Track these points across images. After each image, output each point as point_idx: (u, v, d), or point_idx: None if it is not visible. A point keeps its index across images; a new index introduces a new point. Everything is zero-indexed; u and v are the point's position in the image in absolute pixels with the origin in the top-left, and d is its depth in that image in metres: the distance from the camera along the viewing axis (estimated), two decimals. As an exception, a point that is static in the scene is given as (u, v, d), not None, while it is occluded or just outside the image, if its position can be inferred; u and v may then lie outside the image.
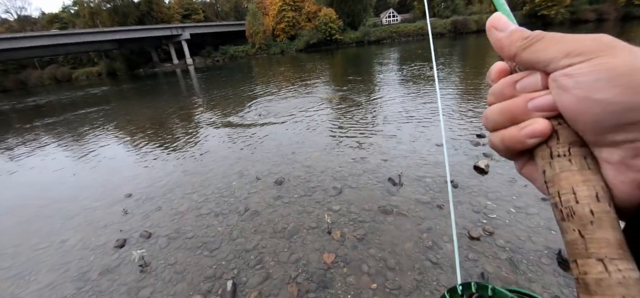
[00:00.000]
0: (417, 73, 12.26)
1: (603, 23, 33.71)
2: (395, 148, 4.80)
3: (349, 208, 3.31)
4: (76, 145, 7.73)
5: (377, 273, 2.43)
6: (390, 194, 3.50)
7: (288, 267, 2.59)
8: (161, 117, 9.82)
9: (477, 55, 17.43)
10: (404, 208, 3.22)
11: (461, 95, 7.77)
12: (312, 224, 3.12)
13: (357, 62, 20.75)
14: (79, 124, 10.63)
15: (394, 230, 2.91)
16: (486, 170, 3.78)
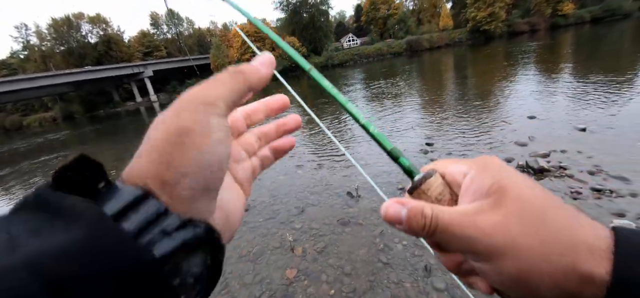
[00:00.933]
0: (378, 91, 13.10)
1: (536, 33, 38.22)
2: (353, 167, 5.17)
3: (310, 224, 3.55)
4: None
5: (335, 281, 2.67)
6: (349, 206, 3.80)
7: (253, 288, 2.74)
8: (125, 156, 9.55)
9: (431, 70, 18.96)
10: (360, 218, 3.52)
11: (414, 107, 8.49)
12: (276, 244, 3.31)
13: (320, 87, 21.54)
14: (35, 174, 9.99)
15: (351, 239, 3.19)
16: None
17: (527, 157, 4.13)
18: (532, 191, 0.25)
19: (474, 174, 0.29)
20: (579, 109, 5.87)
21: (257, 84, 0.29)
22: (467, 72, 15.80)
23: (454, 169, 0.31)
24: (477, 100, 8.12)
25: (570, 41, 22.07)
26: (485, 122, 6.07)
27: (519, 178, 0.27)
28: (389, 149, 0.33)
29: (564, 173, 3.67)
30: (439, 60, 25.56)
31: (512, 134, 5.20)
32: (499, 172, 0.27)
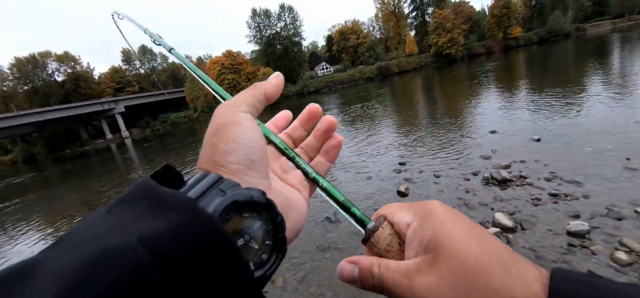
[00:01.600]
0: (354, 115, 13.52)
1: (492, 54, 41.73)
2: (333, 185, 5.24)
3: (290, 253, 3.51)
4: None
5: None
6: (328, 232, 3.81)
7: (232, 326, 2.63)
8: (92, 198, 8.99)
9: (402, 93, 19.94)
10: (340, 242, 3.54)
11: (387, 128, 8.83)
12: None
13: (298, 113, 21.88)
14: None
15: (332, 264, 3.18)
16: (406, 193, 4.38)
17: (491, 169, 4.41)
18: (467, 247, 0.26)
19: (416, 225, 0.30)
20: (534, 121, 6.41)
21: (270, 91, 0.35)
22: (435, 93, 16.81)
23: (399, 219, 0.32)
24: (445, 119, 8.63)
25: (522, 60, 24.31)
26: (453, 139, 6.44)
27: (457, 230, 0.27)
28: (341, 201, 0.35)
29: (525, 182, 3.94)
30: (408, 83, 27.00)
31: (477, 148, 5.55)
32: (438, 224, 0.28)
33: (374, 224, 0.33)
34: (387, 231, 0.32)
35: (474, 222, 0.30)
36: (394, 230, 0.32)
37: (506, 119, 7.18)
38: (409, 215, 0.31)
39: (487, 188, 4.02)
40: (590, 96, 7.51)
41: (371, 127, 9.79)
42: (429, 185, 4.51)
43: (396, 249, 0.32)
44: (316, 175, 0.37)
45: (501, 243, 0.27)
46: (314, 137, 0.41)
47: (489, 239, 0.27)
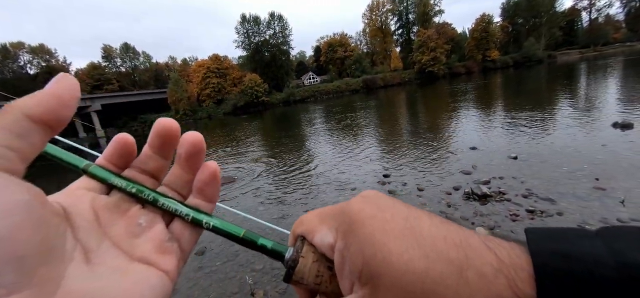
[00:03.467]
0: (338, 126, 13.61)
1: (471, 74, 43.70)
2: (315, 197, 5.19)
3: (271, 264, 3.41)
4: None
5: (297, 322, 2.54)
6: (311, 242, 3.75)
7: (207, 340, 2.49)
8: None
9: (386, 106, 20.35)
10: (323, 253, 3.48)
11: (371, 141, 8.93)
12: (235, 289, 3.09)
13: (284, 121, 21.83)
14: None
15: (314, 276, 3.11)
16: (390, 205, 4.41)
17: (471, 184, 4.53)
18: (408, 267, 0.21)
19: (342, 246, 0.24)
20: (511, 140, 6.69)
21: (37, 108, 0.19)
22: (418, 108, 17.29)
23: (320, 241, 0.26)
24: (428, 134, 8.85)
25: (499, 82, 25.59)
26: (436, 154, 6.60)
27: (392, 245, 0.22)
28: (241, 236, 0.27)
29: (503, 198, 4.07)
30: (393, 97, 27.66)
31: (458, 163, 5.70)
32: (367, 241, 0.23)
33: (291, 253, 0.27)
34: (310, 259, 0.26)
35: (407, 210, 0.24)
36: (317, 253, 0.27)
37: (485, 136, 7.45)
38: (330, 233, 0.26)
39: (468, 202, 4.11)
40: (561, 119, 7.96)
41: (356, 138, 9.87)
42: (412, 198, 4.56)
43: (327, 277, 0.26)
44: (196, 213, 0.27)
45: (446, 227, 0.23)
46: (179, 166, 0.28)
47: (431, 239, 0.22)
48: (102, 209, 0.23)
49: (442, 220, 0.24)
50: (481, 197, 4.13)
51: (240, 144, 12.97)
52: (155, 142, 0.27)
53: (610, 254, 0.18)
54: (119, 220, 0.24)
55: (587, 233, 0.20)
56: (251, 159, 9.29)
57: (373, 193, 0.27)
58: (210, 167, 0.27)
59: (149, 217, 0.25)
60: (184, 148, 0.27)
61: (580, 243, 0.19)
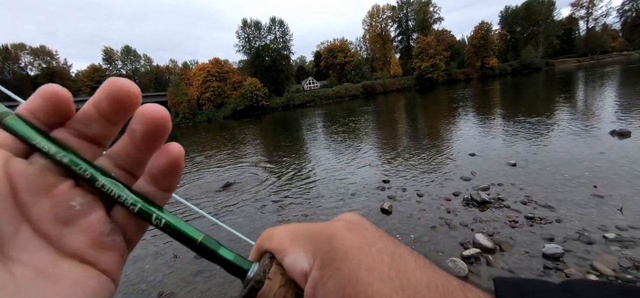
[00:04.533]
0: (338, 131, 13.65)
1: (470, 81, 43.99)
2: (313, 202, 5.19)
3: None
4: None
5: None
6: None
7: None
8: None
9: (386, 112, 20.43)
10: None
11: (371, 146, 8.96)
12: (234, 294, 3.08)
13: (283, 125, 21.87)
14: None
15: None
16: (390, 210, 4.41)
17: (471, 191, 4.55)
18: None
19: (317, 277, 0.21)
20: (509, 147, 6.74)
21: None
22: (417, 114, 17.36)
23: (292, 264, 0.22)
24: (427, 139, 8.89)
25: (498, 89, 25.76)
26: (435, 159, 6.62)
27: (376, 286, 0.19)
28: (199, 242, 0.23)
29: (502, 204, 4.09)
30: (392, 103, 27.78)
31: (457, 169, 5.73)
32: (349, 278, 0.20)
33: (256, 271, 0.23)
34: (277, 282, 0.22)
35: (393, 246, 0.22)
36: (286, 277, 0.23)
37: (484, 142, 7.49)
38: (306, 257, 0.22)
39: (467, 209, 4.13)
40: (560, 126, 8.02)
41: (356, 143, 9.90)
42: (412, 204, 4.57)
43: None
44: (145, 204, 0.21)
45: (430, 272, 0.21)
46: (131, 141, 0.21)
47: (415, 285, 0.19)
48: (20, 178, 0.17)
49: (425, 261, 0.22)
50: (480, 203, 4.15)
51: (239, 148, 12.98)
52: (104, 105, 0.19)
53: None
54: (44, 197, 0.18)
55: (556, 288, 0.19)
56: (250, 163, 9.30)
57: (357, 219, 0.24)
58: (172, 151, 0.21)
59: (84, 198, 0.19)
60: (142, 124, 0.20)
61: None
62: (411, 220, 4.05)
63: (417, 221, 3.99)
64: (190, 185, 7.75)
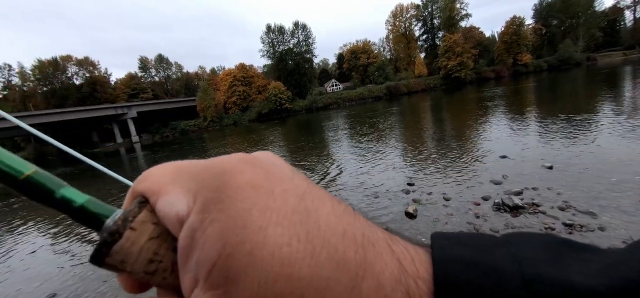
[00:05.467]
0: (361, 132, 13.55)
1: (501, 79, 41.77)
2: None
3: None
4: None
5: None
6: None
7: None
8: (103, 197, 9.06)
9: (410, 113, 19.98)
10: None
11: (395, 148, 8.80)
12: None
13: (306, 127, 22.08)
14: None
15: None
16: (415, 214, 4.31)
17: (502, 195, 4.33)
18: (289, 272, 0.15)
19: (196, 225, 0.16)
20: (545, 148, 6.32)
21: None
22: (444, 114, 16.80)
23: (166, 209, 0.18)
24: (454, 141, 8.57)
25: (532, 86, 24.24)
26: (463, 162, 6.38)
27: (271, 231, 0.15)
28: (25, 176, 0.17)
29: (537, 210, 3.85)
30: (417, 103, 27.09)
31: (487, 172, 5.47)
32: (237, 220, 0.16)
33: (116, 218, 0.18)
34: (146, 234, 0.18)
35: (306, 186, 0.19)
36: (160, 226, 0.18)
37: (517, 144, 7.09)
38: (185, 198, 0.17)
39: (498, 214, 3.94)
40: (603, 126, 7.39)
41: (379, 145, 9.77)
42: (438, 208, 4.43)
43: (168, 265, 0.18)
44: None
45: (348, 219, 0.18)
46: None
47: (327, 232, 0.16)
48: None
49: (347, 208, 0.19)
50: (513, 208, 3.94)
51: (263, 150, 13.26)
52: None
53: (516, 266, 0.16)
54: None
55: (495, 240, 0.18)
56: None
57: (266, 154, 0.21)
58: None
59: None
60: None
61: (490, 252, 0.17)
62: (437, 225, 3.94)
63: (444, 226, 3.87)
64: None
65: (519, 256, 0.16)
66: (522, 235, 0.19)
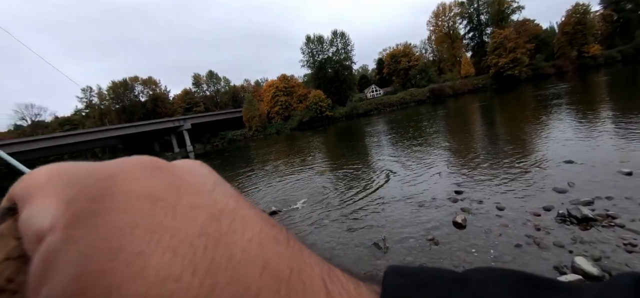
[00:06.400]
0: (403, 137, 13.16)
1: (564, 75, 37.24)
2: (381, 212, 5.12)
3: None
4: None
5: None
6: (376, 258, 3.71)
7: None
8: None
9: (456, 116, 18.85)
10: (389, 270, 3.42)
11: (440, 153, 8.37)
12: None
13: (347, 134, 22.07)
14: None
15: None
16: (464, 224, 4.07)
17: (568, 205, 3.88)
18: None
19: (56, 243, 0.12)
20: (622, 152, 5.50)
21: None
22: (495, 116, 15.53)
23: (28, 223, 0.13)
24: (508, 146, 7.89)
25: (604, 81, 21.20)
26: (518, 168, 5.85)
27: (152, 266, 0.11)
28: None
29: (613, 223, 3.38)
30: (464, 106, 25.44)
31: (549, 179, 4.94)
32: (103, 252, 0.11)
33: None
34: (2, 251, 0.14)
35: (228, 202, 0.15)
36: (21, 244, 0.14)
37: (585, 147, 6.29)
38: (55, 208, 0.13)
39: (563, 226, 3.54)
40: (702, 124, 6.21)
41: (423, 151, 9.39)
42: (490, 218, 4.13)
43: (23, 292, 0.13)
44: None
45: (276, 247, 0.14)
46: None
47: (242, 263, 0.13)
48: None
49: (280, 233, 0.15)
50: (581, 220, 3.51)
51: (305, 158, 13.59)
52: None
53: None
54: None
55: (453, 279, 0.16)
56: (316, 172, 9.66)
57: (188, 163, 0.17)
58: None
59: None
60: None
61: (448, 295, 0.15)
62: (490, 237, 3.67)
63: (498, 238, 3.60)
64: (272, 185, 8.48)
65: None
66: (480, 271, 0.17)
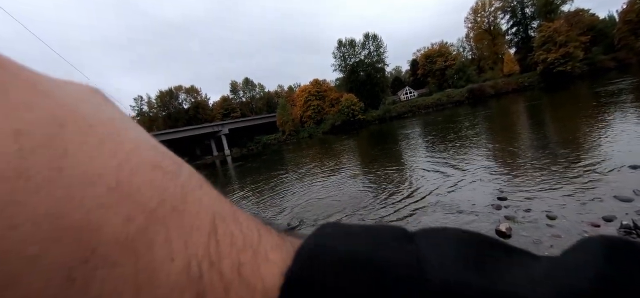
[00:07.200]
0: (440, 141, 12.70)
1: (627, 68, 33.11)
2: (417, 218, 5.03)
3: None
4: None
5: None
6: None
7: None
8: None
9: (499, 117, 17.70)
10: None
11: (481, 158, 7.96)
12: None
13: (380, 138, 21.76)
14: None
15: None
16: (508, 233, 3.87)
17: (633, 215, 3.52)
18: None
19: None
20: None
21: None
22: (544, 117, 14.33)
23: None
24: (559, 149, 7.27)
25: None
26: (573, 174, 5.38)
27: None
28: None
29: (690, 237, 3.01)
30: (507, 106, 23.78)
31: (609, 187, 4.50)
32: None
33: None
34: None
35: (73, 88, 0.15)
36: None
37: (655, 152, 5.61)
38: None
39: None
40: None
41: (461, 155, 8.99)
42: (539, 228, 3.88)
43: None
44: None
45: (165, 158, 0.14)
46: None
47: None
48: None
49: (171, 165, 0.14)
50: (650, 232, 3.17)
51: (337, 161, 13.67)
52: None
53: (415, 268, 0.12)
54: None
55: (404, 234, 0.15)
56: (349, 176, 9.69)
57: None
58: None
59: None
60: None
61: (385, 246, 0.13)
62: (539, 248, 3.45)
63: (549, 250, 3.37)
64: (304, 191, 8.71)
65: (424, 256, 0.13)
66: (438, 231, 0.16)
